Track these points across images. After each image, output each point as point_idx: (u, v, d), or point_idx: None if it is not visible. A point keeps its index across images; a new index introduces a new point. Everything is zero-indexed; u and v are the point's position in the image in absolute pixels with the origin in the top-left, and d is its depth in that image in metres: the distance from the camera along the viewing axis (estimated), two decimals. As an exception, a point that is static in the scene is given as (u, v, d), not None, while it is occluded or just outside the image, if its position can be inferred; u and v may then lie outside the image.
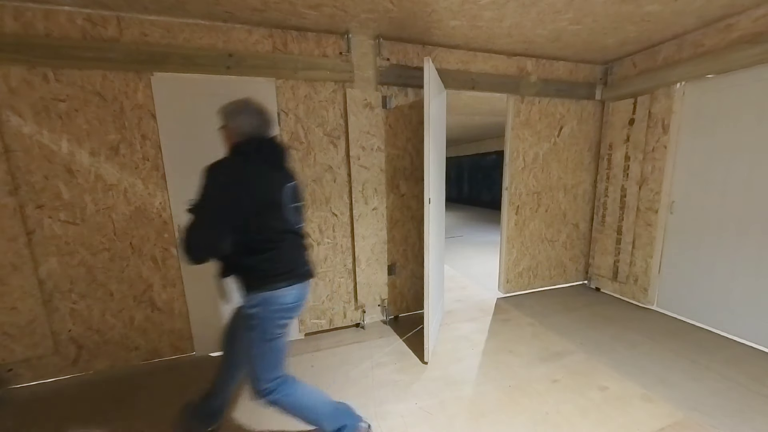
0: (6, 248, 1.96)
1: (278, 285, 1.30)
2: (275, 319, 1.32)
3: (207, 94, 2.15)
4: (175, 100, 2.12)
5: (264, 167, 1.30)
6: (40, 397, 2.00)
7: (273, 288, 1.29)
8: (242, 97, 1.35)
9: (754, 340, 2.35)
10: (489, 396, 1.92)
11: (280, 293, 1.30)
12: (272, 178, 1.31)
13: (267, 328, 1.32)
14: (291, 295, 1.34)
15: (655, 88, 2.80)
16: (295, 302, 1.36)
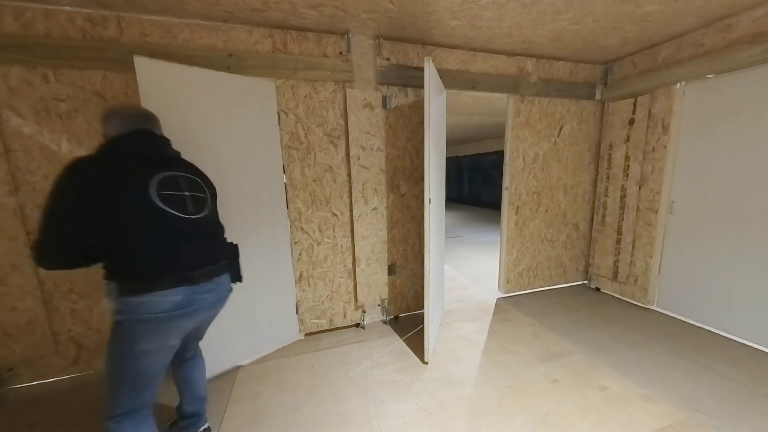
0: (6, 248, 1.96)
1: (148, 289, 1.10)
2: (134, 332, 1.11)
3: (202, 87, 2.00)
4: (162, 90, 1.87)
5: (121, 162, 1.13)
6: (40, 397, 2.00)
7: (141, 292, 1.09)
8: (120, 102, 1.33)
9: (755, 340, 2.35)
10: (489, 396, 1.92)
11: (149, 299, 1.09)
12: (129, 173, 1.12)
13: (124, 342, 1.12)
14: (167, 302, 1.12)
15: (655, 88, 2.80)
16: (175, 310, 1.14)
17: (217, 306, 1.34)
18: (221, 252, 1.36)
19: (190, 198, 1.26)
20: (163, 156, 1.27)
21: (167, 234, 1.16)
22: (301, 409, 1.85)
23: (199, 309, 1.23)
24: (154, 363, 1.19)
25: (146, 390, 1.20)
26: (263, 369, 2.22)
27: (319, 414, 1.81)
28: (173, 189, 1.21)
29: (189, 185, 1.28)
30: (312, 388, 2.02)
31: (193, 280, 1.18)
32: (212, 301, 1.28)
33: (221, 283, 1.32)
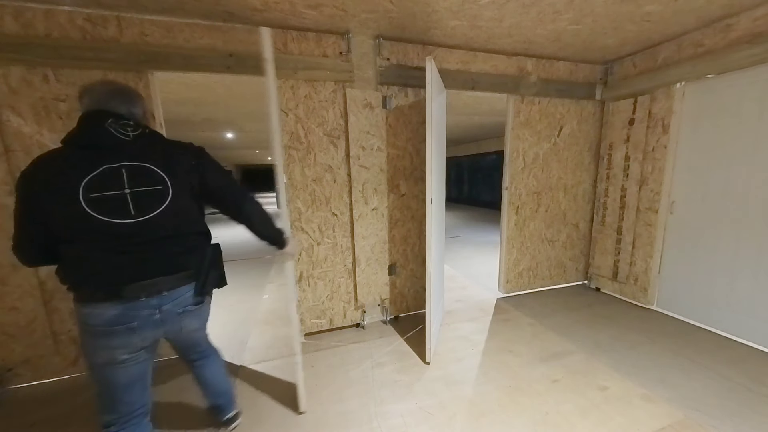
0: (6, 248, 1.96)
1: (85, 299, 1.04)
2: (86, 341, 1.08)
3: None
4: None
5: (64, 153, 1.03)
6: (40, 397, 2.00)
7: (80, 301, 1.05)
8: (97, 79, 1.20)
9: (754, 340, 2.35)
10: (489, 396, 1.92)
11: (87, 309, 1.04)
12: (62, 165, 1.01)
13: (83, 348, 1.10)
14: (102, 315, 1.03)
15: (655, 88, 2.80)
16: (112, 325, 1.04)
17: (169, 323, 1.15)
18: (178, 260, 1.13)
19: (132, 196, 1.05)
20: (113, 141, 1.05)
21: (98, 244, 1.02)
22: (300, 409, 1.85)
23: (141, 326, 1.08)
24: (119, 374, 1.11)
25: (125, 399, 1.14)
26: (263, 369, 2.22)
27: (319, 414, 1.81)
28: (108, 188, 1.02)
29: (135, 178, 1.06)
30: (312, 388, 2.02)
31: (124, 297, 1.05)
32: (158, 318, 1.10)
33: (173, 298, 1.13)
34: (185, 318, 1.19)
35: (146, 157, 1.09)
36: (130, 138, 1.08)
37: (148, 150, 1.11)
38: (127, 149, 1.07)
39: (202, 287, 1.19)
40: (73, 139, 1.05)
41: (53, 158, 1.03)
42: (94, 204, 1.00)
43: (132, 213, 1.04)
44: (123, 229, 1.03)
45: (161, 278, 1.09)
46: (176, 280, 1.12)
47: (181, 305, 1.15)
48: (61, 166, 1.01)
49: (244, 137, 8.09)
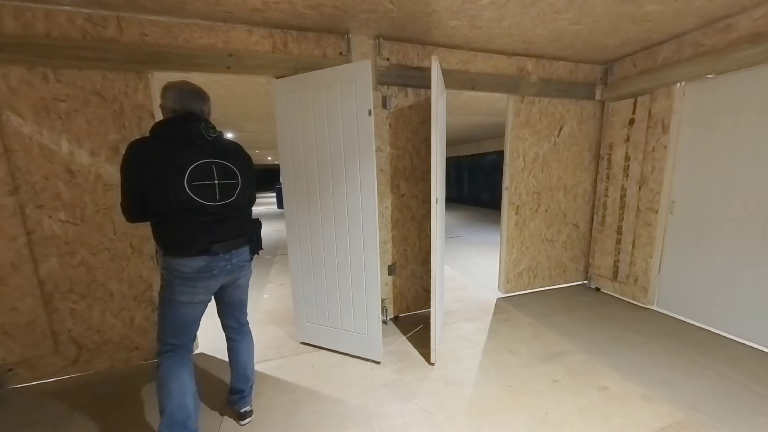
0: (6, 248, 1.96)
1: (180, 254, 1.39)
2: (174, 285, 1.41)
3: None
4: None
5: (167, 144, 1.36)
6: (40, 397, 2.00)
7: (175, 256, 1.40)
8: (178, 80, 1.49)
9: (754, 340, 2.35)
10: (489, 396, 1.92)
11: (181, 261, 1.39)
12: (171, 156, 1.34)
13: (167, 290, 1.43)
14: (193, 266, 1.40)
15: (655, 88, 2.80)
16: (199, 272, 1.42)
17: (234, 272, 1.56)
18: (241, 230, 1.57)
19: (219, 186, 1.45)
20: (203, 141, 1.42)
21: (194, 218, 1.39)
22: (301, 409, 1.85)
23: (218, 273, 1.48)
24: (189, 312, 1.47)
25: (184, 333, 1.48)
26: (263, 369, 2.22)
27: (319, 414, 1.81)
28: (204, 178, 1.40)
29: (221, 172, 1.46)
30: (312, 388, 2.02)
31: (212, 252, 1.43)
32: (230, 268, 1.52)
33: (239, 254, 1.55)
34: (237, 271, 1.58)
35: (226, 156, 1.50)
36: (212, 139, 1.45)
37: (229, 150, 1.54)
38: (215, 148, 1.47)
39: (255, 248, 1.68)
40: (171, 133, 1.38)
41: (158, 144, 1.35)
42: (196, 190, 1.38)
43: (217, 198, 1.45)
44: (212, 209, 1.43)
45: (232, 241, 1.51)
46: (238, 243, 1.55)
47: (239, 261, 1.56)
48: (169, 153, 1.34)
49: (244, 137, 8.09)
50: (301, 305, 2.45)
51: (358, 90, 2.00)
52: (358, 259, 2.16)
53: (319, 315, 2.39)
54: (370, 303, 2.19)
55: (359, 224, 2.13)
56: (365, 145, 2.02)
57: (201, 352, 2.45)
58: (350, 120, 2.04)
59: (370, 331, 2.23)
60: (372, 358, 2.27)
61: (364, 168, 2.06)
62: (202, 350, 2.46)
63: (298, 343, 2.53)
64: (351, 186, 2.11)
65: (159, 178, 1.32)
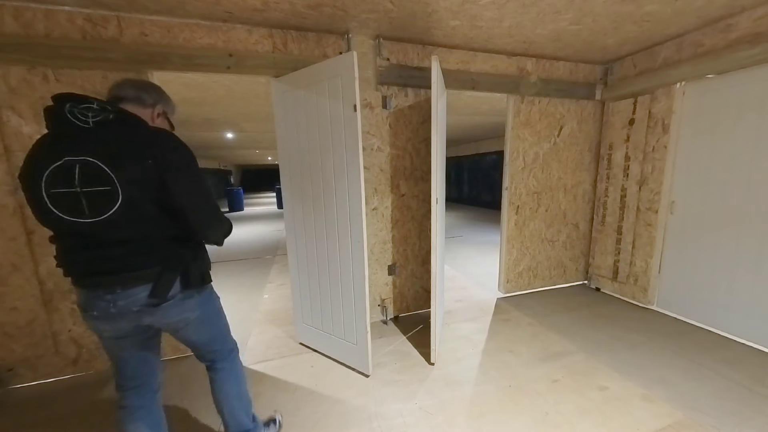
0: (6, 248, 1.96)
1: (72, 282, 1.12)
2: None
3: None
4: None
5: (41, 140, 1.02)
6: (40, 397, 2.00)
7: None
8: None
9: (754, 340, 2.35)
10: (489, 396, 1.92)
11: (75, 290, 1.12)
12: (35, 155, 1.00)
13: None
14: (78, 296, 1.11)
15: (655, 88, 2.80)
16: (81, 309, 1.10)
17: (126, 317, 1.10)
18: (136, 261, 1.07)
19: (83, 195, 0.98)
20: (72, 132, 0.99)
21: (63, 237, 1.05)
22: (301, 409, 1.85)
23: (102, 316, 1.08)
24: (109, 348, 1.21)
25: (122, 371, 1.24)
26: (263, 369, 2.22)
27: (320, 414, 1.81)
28: (63, 185, 0.97)
29: (86, 176, 0.98)
30: (312, 389, 2.02)
31: (87, 287, 1.07)
32: (114, 312, 1.07)
33: (128, 296, 1.07)
34: (156, 314, 1.13)
35: (107, 150, 1.02)
36: (91, 126, 1.01)
37: (113, 140, 1.04)
38: (87, 139, 1.03)
39: (161, 289, 1.11)
40: (47, 127, 1.05)
41: (36, 142, 1.05)
42: (55, 200, 0.99)
43: (86, 213, 1.00)
44: (79, 226, 1.01)
45: (110, 276, 1.05)
46: (128, 280, 1.07)
47: (128, 305, 1.08)
48: (36, 152, 1.02)
49: (244, 137, 8.09)
50: (299, 306, 2.44)
51: (343, 85, 1.86)
52: (347, 267, 2.06)
53: (314, 318, 2.38)
54: (358, 312, 2.06)
55: (347, 229, 2.02)
56: (351, 145, 1.88)
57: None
58: (337, 118, 1.93)
59: (359, 342, 2.11)
60: (361, 370, 2.15)
61: (350, 169, 1.92)
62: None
63: (298, 343, 2.53)
64: (339, 189, 2.01)
65: (24, 184, 1.01)
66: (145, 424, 1.25)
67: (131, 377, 1.25)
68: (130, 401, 1.25)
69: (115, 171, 0.99)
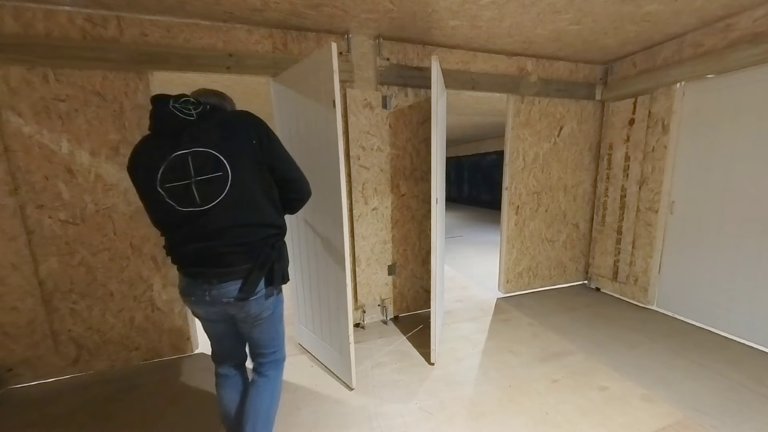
0: (6, 248, 1.96)
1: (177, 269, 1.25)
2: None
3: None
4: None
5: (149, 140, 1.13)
6: (40, 397, 2.00)
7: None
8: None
9: (755, 340, 2.35)
10: (489, 396, 1.92)
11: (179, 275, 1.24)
12: (147, 154, 1.10)
13: None
14: (180, 282, 1.24)
15: (655, 88, 2.80)
16: (182, 293, 1.23)
17: (217, 306, 1.20)
18: (232, 257, 1.15)
19: (197, 184, 1.07)
20: (177, 126, 1.08)
21: (173, 228, 1.14)
22: (301, 409, 1.85)
23: (199, 302, 1.20)
24: (206, 328, 1.34)
25: (215, 347, 1.40)
26: (263, 369, 2.22)
27: (320, 414, 1.81)
28: (178, 177, 1.06)
29: (199, 166, 1.07)
30: (312, 388, 2.02)
31: (189, 275, 1.19)
32: (209, 300, 1.18)
33: (221, 288, 1.16)
34: (242, 306, 1.22)
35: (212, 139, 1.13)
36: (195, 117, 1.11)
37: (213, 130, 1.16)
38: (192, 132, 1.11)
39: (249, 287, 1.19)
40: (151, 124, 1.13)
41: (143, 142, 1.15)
42: (170, 193, 1.08)
43: (197, 202, 1.09)
44: (190, 217, 1.11)
45: (208, 269, 1.16)
46: (222, 275, 1.16)
47: (220, 297, 1.18)
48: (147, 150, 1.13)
49: (244, 137, 8.07)
50: (296, 307, 2.44)
51: (322, 79, 1.75)
52: (333, 272, 1.98)
53: (308, 320, 2.36)
54: (341, 320, 1.96)
55: (330, 236, 1.96)
56: (332, 143, 1.75)
57: (201, 351, 2.45)
58: (319, 115, 1.82)
59: (343, 352, 2.00)
60: (345, 381, 2.05)
61: (331, 169, 1.79)
62: (201, 350, 2.46)
63: (297, 343, 2.53)
64: (324, 189, 1.90)
65: (141, 184, 1.13)
66: (234, 390, 1.41)
67: (223, 352, 1.40)
68: (223, 371, 1.42)
69: (225, 156, 1.09)
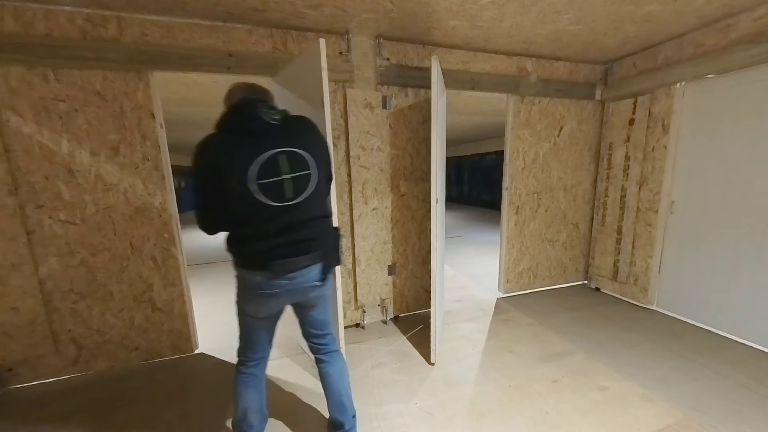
0: (6, 248, 1.96)
1: (242, 265, 1.27)
2: (243, 295, 1.34)
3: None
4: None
5: (232, 138, 1.18)
6: (40, 397, 2.00)
7: (240, 266, 1.28)
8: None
9: (754, 340, 2.35)
10: (489, 396, 1.92)
11: (244, 273, 1.28)
12: (236, 152, 1.16)
13: (237, 299, 1.37)
14: (252, 280, 1.27)
15: (655, 88, 2.80)
16: (257, 289, 1.27)
17: (299, 293, 1.33)
18: (313, 244, 1.29)
19: (289, 181, 1.20)
20: (265, 128, 1.20)
21: (260, 223, 1.19)
22: (301, 409, 1.85)
23: (279, 293, 1.28)
24: (256, 327, 1.39)
25: (251, 347, 1.43)
26: (263, 369, 2.22)
27: (320, 414, 1.81)
28: (272, 174, 1.17)
29: (291, 163, 1.20)
30: (313, 389, 2.02)
31: (272, 269, 1.23)
32: (291, 288, 1.29)
33: (304, 274, 1.29)
34: (302, 293, 1.34)
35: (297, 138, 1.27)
36: (279, 120, 1.24)
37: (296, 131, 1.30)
38: (280, 133, 1.24)
39: (329, 265, 1.37)
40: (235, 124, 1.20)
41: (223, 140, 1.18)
42: (263, 188, 1.17)
43: (288, 196, 1.21)
44: (279, 211, 1.21)
45: (294, 258, 1.25)
46: (304, 261, 1.28)
47: (303, 281, 1.30)
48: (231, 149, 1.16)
49: (244, 137, 8.07)
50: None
51: (312, 78, 1.74)
52: None
53: None
54: (334, 323, 1.86)
55: None
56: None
57: (201, 351, 2.45)
58: (312, 115, 1.77)
59: None
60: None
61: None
62: (201, 350, 2.46)
63: (297, 343, 2.53)
64: None
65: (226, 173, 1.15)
66: (256, 390, 1.46)
67: (260, 349, 1.45)
68: (250, 370, 1.45)
69: (310, 155, 1.25)
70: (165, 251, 2.25)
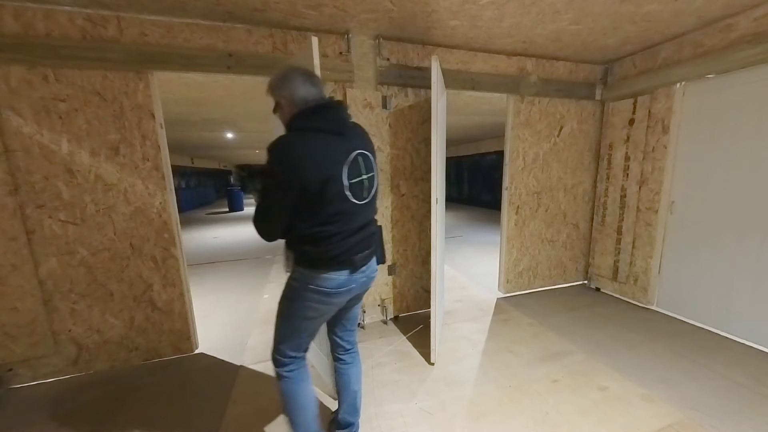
0: (6, 248, 1.96)
1: (320, 267, 1.23)
2: (308, 299, 1.28)
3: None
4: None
5: (322, 138, 1.16)
6: (40, 397, 2.00)
7: (313, 267, 1.23)
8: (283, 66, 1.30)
9: (755, 340, 2.35)
10: (489, 396, 1.92)
11: (319, 275, 1.23)
12: (330, 151, 1.16)
13: (298, 306, 1.32)
14: (333, 281, 1.24)
15: (655, 88, 2.80)
16: (337, 288, 1.26)
17: (367, 285, 1.38)
18: (373, 239, 1.36)
19: (366, 181, 1.24)
20: (347, 129, 1.22)
21: (343, 222, 1.20)
22: (301, 409, 1.85)
23: (354, 288, 1.31)
24: (316, 325, 1.37)
25: (306, 344, 1.41)
26: (263, 369, 2.22)
27: (320, 414, 1.80)
28: (356, 174, 1.20)
29: (365, 164, 1.24)
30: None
31: (355, 265, 1.26)
32: (364, 281, 1.34)
33: (371, 266, 1.36)
34: (368, 285, 1.39)
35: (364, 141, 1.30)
36: (352, 123, 1.28)
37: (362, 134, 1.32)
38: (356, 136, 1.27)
39: (381, 258, 1.46)
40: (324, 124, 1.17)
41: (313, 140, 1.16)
42: (352, 189, 1.19)
43: (364, 195, 1.25)
44: (358, 209, 1.24)
45: (367, 251, 1.31)
46: (371, 254, 1.35)
47: (370, 273, 1.37)
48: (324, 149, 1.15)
49: (244, 137, 8.09)
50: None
51: None
52: None
53: None
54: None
55: None
56: None
57: (201, 351, 2.45)
58: None
59: (329, 356, 1.76)
60: (325, 392, 1.97)
61: None
62: (201, 350, 2.46)
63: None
64: None
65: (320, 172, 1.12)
66: (309, 381, 1.46)
67: (308, 342, 1.43)
68: (302, 364, 1.43)
69: (374, 158, 1.31)
70: (165, 251, 2.25)
